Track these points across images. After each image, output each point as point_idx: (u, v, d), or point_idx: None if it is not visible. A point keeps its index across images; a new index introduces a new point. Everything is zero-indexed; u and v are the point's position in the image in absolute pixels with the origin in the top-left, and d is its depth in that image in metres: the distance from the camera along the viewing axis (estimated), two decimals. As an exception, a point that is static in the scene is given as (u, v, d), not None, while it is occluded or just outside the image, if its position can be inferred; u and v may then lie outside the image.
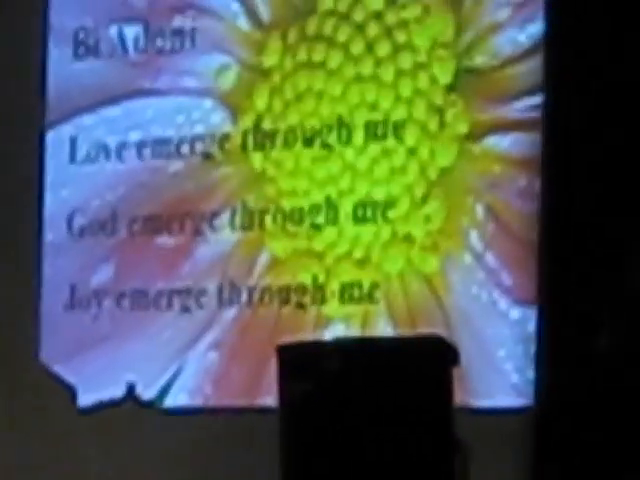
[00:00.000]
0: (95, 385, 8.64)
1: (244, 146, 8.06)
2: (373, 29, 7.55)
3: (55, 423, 8.70)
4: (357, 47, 7.57)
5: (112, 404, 8.48)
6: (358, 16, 7.65)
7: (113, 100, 8.54)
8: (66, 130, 8.71)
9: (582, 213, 6.69)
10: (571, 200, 6.75)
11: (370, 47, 7.53)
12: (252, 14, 8.14)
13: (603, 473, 5.94)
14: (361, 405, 5.03)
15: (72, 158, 8.61)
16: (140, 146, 8.41)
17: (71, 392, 8.64)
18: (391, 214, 7.43)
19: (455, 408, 5.03)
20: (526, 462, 6.62)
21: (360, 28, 7.62)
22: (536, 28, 7.02)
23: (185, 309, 8.14)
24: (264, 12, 8.09)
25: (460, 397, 5.32)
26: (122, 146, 8.49)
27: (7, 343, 8.77)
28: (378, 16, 7.57)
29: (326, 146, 7.68)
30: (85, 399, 8.55)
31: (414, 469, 4.94)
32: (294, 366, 5.33)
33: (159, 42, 8.46)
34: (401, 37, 7.48)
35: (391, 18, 7.55)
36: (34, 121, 8.76)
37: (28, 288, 8.62)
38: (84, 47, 8.75)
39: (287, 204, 7.83)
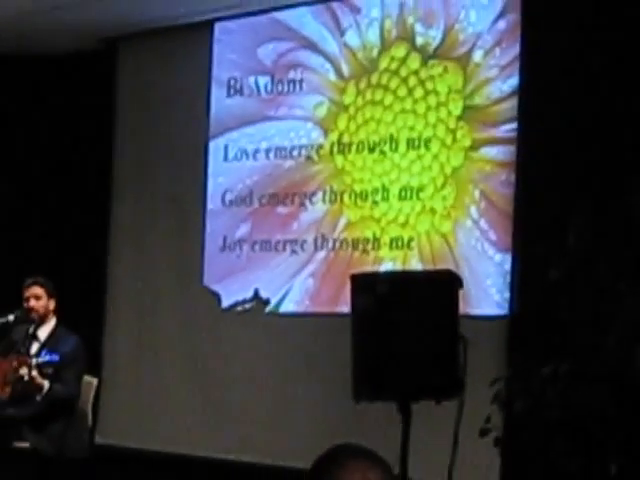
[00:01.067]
0: (234, 294, 10.09)
1: (331, 152, 9.44)
2: (412, 80, 8.82)
3: (210, 320, 10.20)
4: (402, 91, 8.90)
5: (244, 302, 9.95)
6: (403, 72, 8.91)
7: (250, 122, 9.99)
8: (221, 141, 10.20)
9: (540, 195, 8.03)
10: (534, 187, 8.09)
11: (410, 91, 8.81)
12: (338, 70, 9.39)
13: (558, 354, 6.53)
14: (401, 313, 6.07)
15: (225, 158, 10.18)
16: (267, 151, 9.87)
17: (218, 299, 10.17)
18: (422, 195, 8.73)
19: (460, 315, 6.13)
20: (502, 351, 7.89)
21: (404, 80, 8.87)
22: (514, 81, 8.18)
23: (293, 252, 9.65)
24: (345, 69, 9.30)
25: (462, 308, 6.28)
26: (256, 151, 9.97)
27: (183, 274, 10.36)
28: (415, 72, 8.82)
29: (382, 152, 9.03)
30: (226, 302, 10.08)
31: (435, 354, 6.03)
32: (360, 288, 6.38)
33: (279, 87, 9.83)
34: (430, 85, 8.69)
35: (424, 74, 8.80)
36: (202, 135, 10.27)
37: (197, 239, 10.23)
38: (233, 89, 10.16)
39: (357, 188, 9.17)
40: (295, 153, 9.85)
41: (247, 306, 10.10)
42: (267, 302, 9.92)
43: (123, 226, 11.29)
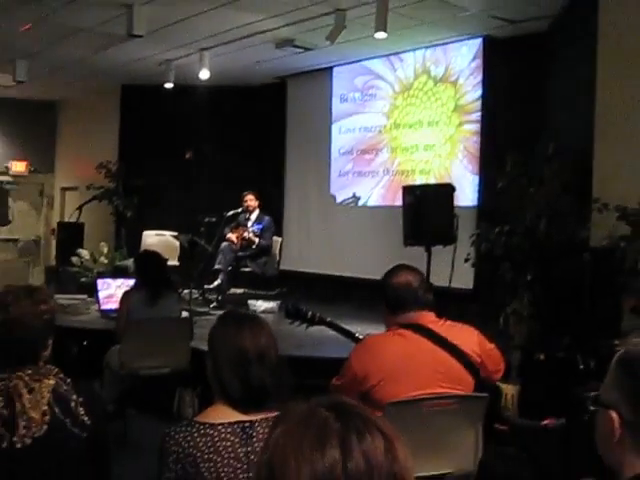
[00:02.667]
0: (343, 196, 11.69)
1: (390, 128, 11.03)
2: (429, 93, 10.50)
3: (331, 209, 11.70)
4: (424, 98, 10.57)
5: (348, 200, 11.55)
6: (424, 89, 10.53)
7: (351, 114, 11.68)
8: (337, 124, 11.86)
9: (491, 147, 9.19)
10: (488, 144, 9.37)
11: (428, 98, 10.49)
12: (392, 88, 11.00)
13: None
14: (426, 204, 7.36)
15: (339, 132, 11.80)
16: (359, 129, 11.48)
17: (335, 199, 11.82)
18: (434, 148, 10.34)
19: (454, 205, 7.39)
20: (474, 222, 8.85)
21: (425, 92, 10.57)
22: (479, 92, 9.78)
23: (373, 176, 11.27)
24: (396, 88, 10.95)
25: (455, 202, 7.54)
26: (354, 129, 11.52)
27: (321, 188, 11.90)
28: (431, 89, 10.44)
29: (414, 128, 10.67)
30: (339, 200, 11.71)
31: (443, 223, 7.26)
32: (407, 192, 7.72)
33: (364, 97, 11.48)
34: (438, 95, 10.32)
35: (435, 89, 10.41)
36: (328, 121, 11.84)
37: (327, 171, 11.84)
38: (342, 99, 11.80)
39: (403, 145, 10.77)
40: (373, 129, 11.44)
41: (350, 202, 11.71)
42: (359, 199, 11.53)
43: (290, 175, 12.83)
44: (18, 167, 16.07)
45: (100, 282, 7.08)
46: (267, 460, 1.17)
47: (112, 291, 7.56)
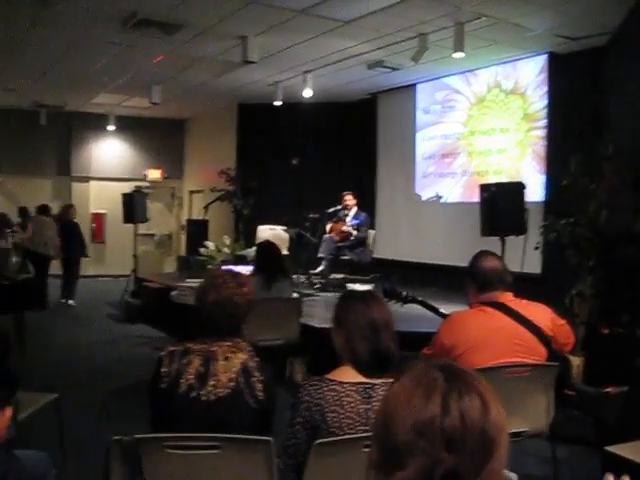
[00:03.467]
0: (427, 195, 11.50)
1: (467, 135, 10.84)
2: (500, 103, 10.23)
3: (417, 206, 11.42)
4: (496, 108, 10.33)
5: (431, 198, 11.32)
6: (496, 100, 10.24)
7: (433, 124, 11.49)
8: (421, 132, 11.74)
9: (558, 150, 8.97)
10: (554, 147, 9.10)
11: (500, 108, 10.22)
12: (469, 100, 10.82)
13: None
14: (501, 200, 7.37)
15: (422, 139, 11.62)
16: (440, 136, 11.29)
17: (420, 197, 11.55)
18: (506, 152, 10.09)
19: (524, 200, 7.52)
20: (542, 214, 8.55)
21: (497, 103, 10.30)
22: (545, 102, 9.52)
23: (452, 177, 11.08)
24: (472, 100, 10.75)
25: (525, 198, 7.68)
26: (435, 136, 11.35)
27: (407, 188, 11.59)
28: (502, 100, 10.18)
29: (488, 134, 10.44)
30: (424, 198, 11.46)
31: (515, 216, 7.22)
32: (483, 190, 7.63)
33: (444, 109, 11.29)
34: (508, 105, 10.07)
35: (506, 100, 10.13)
36: (412, 130, 11.70)
37: (413, 174, 11.61)
38: (425, 111, 11.63)
39: (478, 150, 10.59)
40: (451, 136, 11.27)
41: (433, 200, 11.54)
42: (441, 197, 11.35)
43: (381, 177, 12.72)
44: (154, 174, 16.67)
45: (225, 269, 7.17)
46: (383, 406, 1.20)
47: (235, 276, 7.63)
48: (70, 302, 11.95)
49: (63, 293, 11.90)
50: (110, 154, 16.53)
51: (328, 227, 10.53)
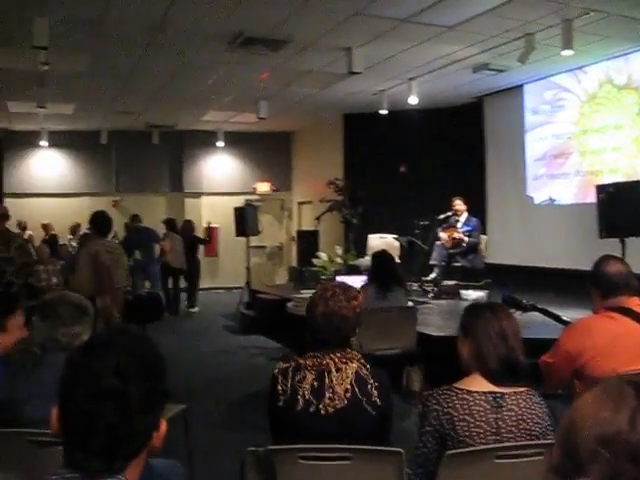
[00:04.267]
0: (540, 198, 11.27)
1: (579, 134, 10.59)
2: (613, 100, 9.89)
3: (529, 210, 11.20)
4: (608, 105, 9.97)
5: (544, 201, 11.02)
6: (608, 96, 9.93)
7: (542, 125, 11.17)
8: (530, 133, 11.42)
9: None
10: None
11: (612, 104, 9.92)
12: (579, 98, 10.47)
13: None
14: (621, 199, 7.20)
15: (532, 140, 11.36)
16: (550, 136, 11.01)
17: (532, 200, 11.38)
18: (621, 150, 9.77)
19: None
20: None
21: (609, 99, 9.99)
22: None
23: (564, 178, 10.77)
24: (582, 97, 10.43)
25: None
26: (546, 136, 11.08)
27: (519, 190, 11.37)
28: (614, 95, 9.85)
29: (601, 132, 10.16)
30: (536, 202, 11.24)
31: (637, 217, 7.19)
32: (600, 190, 7.64)
33: (554, 108, 11.04)
34: (622, 101, 9.76)
35: (618, 96, 9.79)
36: (522, 132, 11.46)
37: (524, 176, 11.44)
38: (534, 112, 11.32)
39: (591, 149, 10.34)
40: (562, 136, 11.03)
41: (545, 203, 11.28)
42: (554, 200, 11.08)
43: (491, 181, 12.59)
44: (263, 187, 17.01)
45: (339, 279, 7.24)
46: (571, 414, 1.22)
47: (349, 286, 7.67)
48: (194, 310, 12.99)
49: (189, 302, 12.98)
50: (220, 169, 17.05)
51: (439, 233, 10.52)
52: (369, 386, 2.72)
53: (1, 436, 2.75)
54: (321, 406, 2.66)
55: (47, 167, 16.04)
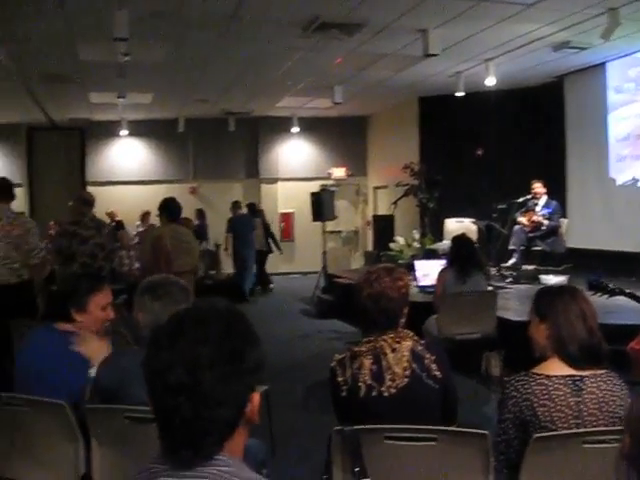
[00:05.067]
0: (623, 180, 10.97)
1: None
2: None
3: (611, 190, 10.95)
4: None
5: (627, 183, 10.72)
6: None
7: (625, 104, 10.89)
8: (612, 114, 11.07)
9: None
10: None
11: None
12: None
13: None
14: None
15: (614, 121, 11.07)
16: (634, 116, 10.59)
17: (614, 182, 11.09)
18: None
19: None
20: None
21: None
22: None
23: None
24: None
25: None
26: (628, 116, 10.72)
27: (603, 173, 11.14)
28: None
29: None
30: (618, 183, 10.89)
31: None
32: None
33: (637, 87, 10.60)
34: None
35: None
36: (603, 112, 11.11)
37: (607, 160, 11.09)
38: (617, 90, 11.00)
39: None
40: None
41: (629, 184, 10.95)
42: (638, 181, 10.65)
43: (571, 163, 12.29)
44: (338, 172, 17.10)
45: (417, 263, 7.29)
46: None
47: (427, 270, 7.73)
48: (272, 285, 14.12)
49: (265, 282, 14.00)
50: (295, 155, 17.20)
51: (518, 217, 10.36)
52: (426, 361, 2.76)
53: (101, 413, 2.89)
54: (383, 388, 2.71)
55: (127, 156, 16.55)
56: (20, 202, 6.88)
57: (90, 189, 13.40)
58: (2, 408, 3.09)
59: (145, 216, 14.14)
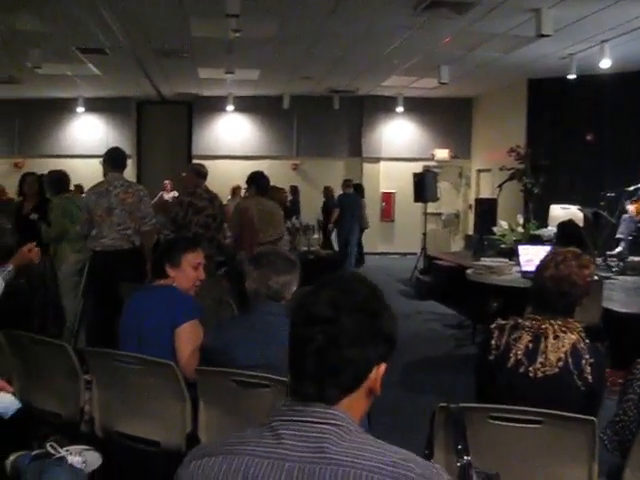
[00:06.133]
0: None
1: None
2: None
3: None
4: None
5: None
6: None
7: None
8: None
9: None
10: None
11: None
12: None
13: None
14: None
15: None
16: None
17: None
18: None
19: None
20: None
21: None
22: None
23: None
24: None
25: None
26: None
27: None
28: None
29: None
30: None
31: None
32: None
33: None
34: None
35: None
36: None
37: None
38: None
39: None
40: None
41: None
42: None
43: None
44: (441, 154, 16.96)
45: (521, 248, 7.14)
46: None
47: (531, 256, 7.62)
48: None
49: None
50: (399, 135, 17.14)
51: (627, 206, 10.03)
52: (583, 361, 2.69)
53: (208, 376, 3.03)
54: (531, 369, 2.69)
55: (232, 131, 16.92)
56: (128, 173, 7.24)
57: (196, 162, 13.74)
58: (114, 365, 3.29)
59: (236, 190, 14.29)
